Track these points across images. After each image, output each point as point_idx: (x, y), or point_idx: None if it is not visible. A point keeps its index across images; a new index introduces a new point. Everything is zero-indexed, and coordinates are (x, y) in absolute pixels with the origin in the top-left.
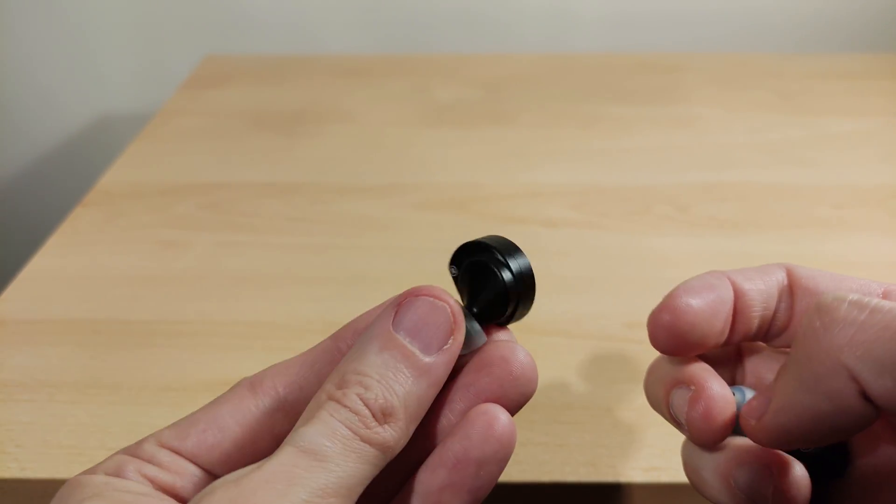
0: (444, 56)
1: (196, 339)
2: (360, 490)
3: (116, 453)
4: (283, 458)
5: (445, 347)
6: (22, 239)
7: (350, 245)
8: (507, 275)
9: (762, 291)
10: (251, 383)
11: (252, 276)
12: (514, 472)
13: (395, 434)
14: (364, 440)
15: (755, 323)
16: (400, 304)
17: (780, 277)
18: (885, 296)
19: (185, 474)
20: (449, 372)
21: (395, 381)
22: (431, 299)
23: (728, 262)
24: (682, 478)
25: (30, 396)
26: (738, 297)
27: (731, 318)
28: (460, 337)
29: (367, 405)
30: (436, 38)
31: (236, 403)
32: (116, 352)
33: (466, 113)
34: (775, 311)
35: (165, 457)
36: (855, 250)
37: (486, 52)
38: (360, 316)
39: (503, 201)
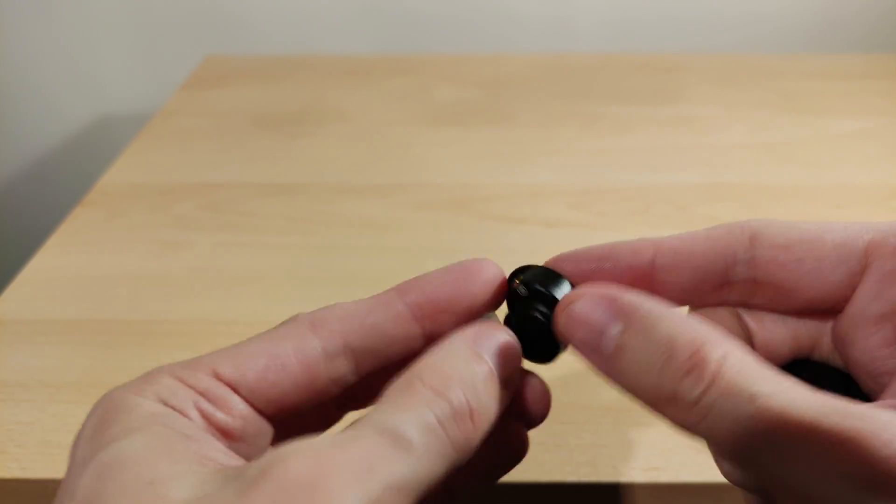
0: (444, 56)
1: (196, 338)
2: (425, 492)
3: (165, 372)
4: (366, 442)
5: (509, 385)
6: (22, 239)
7: (349, 245)
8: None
9: (697, 268)
10: (312, 322)
11: (252, 275)
12: (513, 472)
13: (477, 436)
14: (451, 438)
15: (686, 289)
16: (479, 333)
17: (733, 247)
18: (870, 248)
19: (238, 415)
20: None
21: (485, 393)
22: (506, 338)
23: None
24: (682, 478)
25: (30, 396)
26: (658, 267)
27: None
28: (516, 373)
29: (469, 405)
30: (435, 38)
31: (298, 341)
32: (117, 352)
33: (466, 113)
34: (727, 282)
35: (221, 392)
36: None
37: (485, 53)
38: (428, 277)
39: (502, 201)
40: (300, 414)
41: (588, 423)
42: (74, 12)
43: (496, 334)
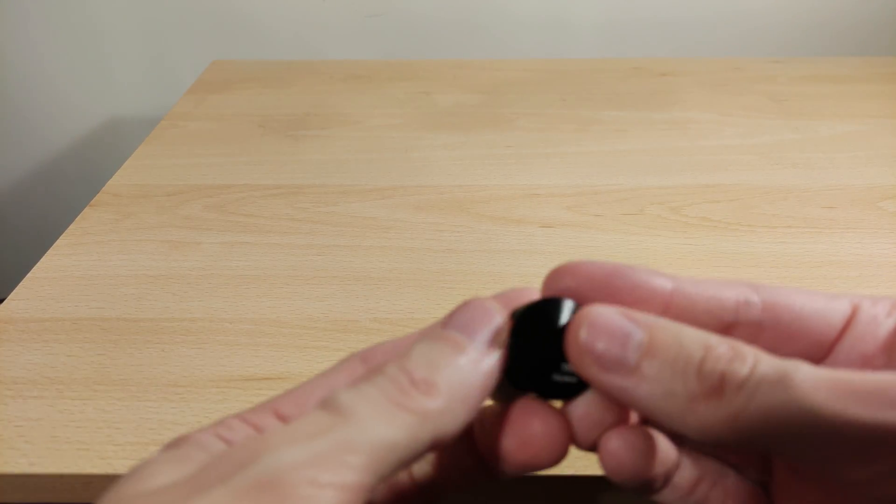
0: (444, 62)
1: (203, 336)
2: (392, 458)
3: (236, 415)
4: (310, 416)
5: (496, 340)
6: (32, 238)
7: (353, 245)
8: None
9: (711, 298)
10: (363, 356)
11: (257, 275)
12: None
13: (435, 404)
14: (397, 405)
15: (701, 322)
16: (453, 311)
17: (742, 291)
18: (854, 311)
19: None
20: (498, 370)
21: (439, 360)
22: (483, 303)
23: (720, 262)
24: None
25: (39, 393)
26: (676, 293)
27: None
28: (498, 328)
29: (406, 373)
30: (436, 45)
31: (349, 374)
32: (124, 349)
33: (466, 117)
34: (734, 323)
35: (274, 424)
36: (845, 250)
37: (484, 59)
38: (473, 303)
39: (501, 202)
40: None
41: None
42: (85, 18)
43: (469, 305)
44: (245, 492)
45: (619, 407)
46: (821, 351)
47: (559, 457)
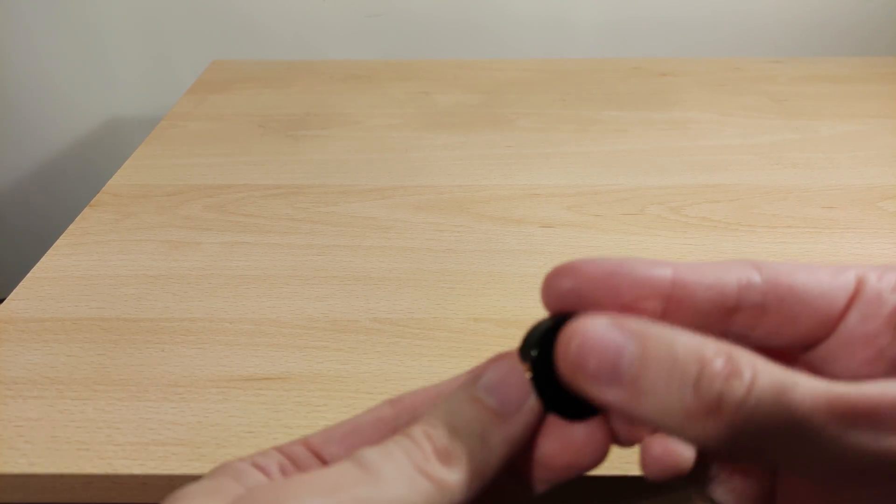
0: (444, 62)
1: (203, 336)
2: None
3: (275, 447)
4: (337, 467)
5: (523, 407)
6: (32, 238)
7: (353, 245)
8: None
9: (712, 285)
10: (392, 401)
11: (257, 275)
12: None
13: (455, 477)
14: (419, 471)
15: (699, 311)
16: (484, 367)
17: (744, 273)
18: (858, 287)
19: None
20: (525, 434)
21: (464, 427)
22: (511, 362)
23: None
24: None
25: (39, 393)
26: (677, 283)
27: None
28: (534, 401)
29: (430, 441)
30: (436, 45)
31: (376, 415)
32: (124, 349)
33: (466, 117)
34: (737, 307)
35: (304, 455)
36: (845, 250)
37: (484, 59)
38: (503, 361)
39: (501, 202)
40: None
41: None
42: (85, 18)
43: (499, 363)
44: None
45: None
46: (825, 329)
47: (601, 456)
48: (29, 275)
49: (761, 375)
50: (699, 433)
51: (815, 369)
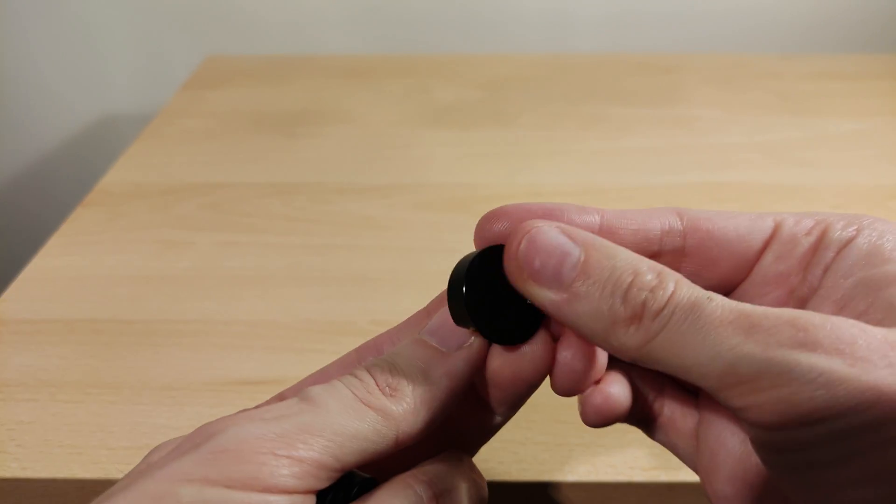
0: (444, 56)
1: (197, 338)
2: (354, 446)
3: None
4: (284, 402)
5: (465, 345)
6: (23, 238)
7: (350, 245)
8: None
9: (637, 230)
10: (358, 350)
11: (253, 275)
12: (513, 472)
13: (399, 407)
14: (363, 402)
15: (626, 240)
16: (429, 313)
17: (666, 219)
18: (775, 230)
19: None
20: (470, 366)
21: (406, 365)
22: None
23: None
24: (681, 478)
25: (31, 396)
26: (604, 229)
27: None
28: (478, 340)
29: (373, 376)
30: (436, 38)
31: (342, 361)
32: (117, 351)
33: (466, 113)
34: (659, 251)
35: None
36: None
37: (485, 53)
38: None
39: (502, 201)
40: None
41: None
42: (76, 13)
43: (442, 311)
44: (208, 456)
45: (588, 353)
46: (742, 271)
47: (543, 368)
48: (20, 275)
49: (681, 289)
50: (619, 341)
51: None
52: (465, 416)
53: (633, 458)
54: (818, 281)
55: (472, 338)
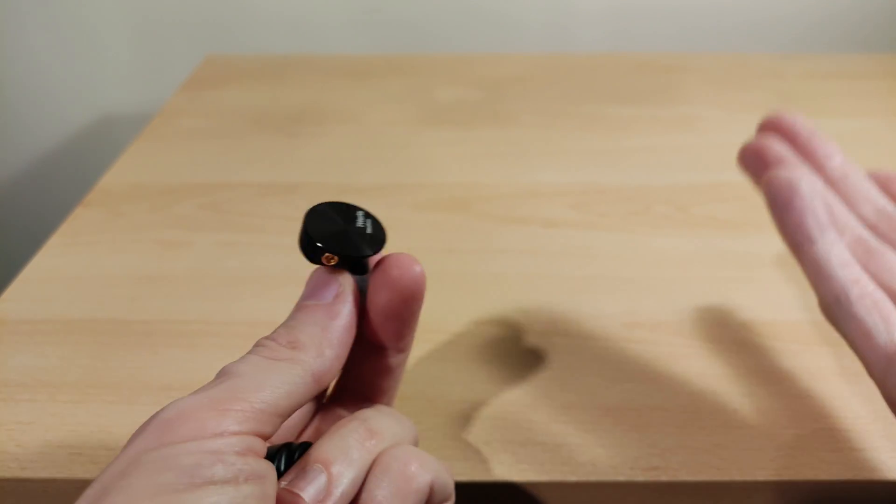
0: (445, 56)
1: (197, 338)
2: (281, 391)
3: None
4: (207, 384)
5: (337, 291)
6: (23, 239)
7: None
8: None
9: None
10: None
11: (252, 275)
12: (513, 472)
13: (304, 355)
14: (271, 359)
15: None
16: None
17: None
18: None
19: None
20: (353, 306)
21: (298, 323)
22: (319, 271)
23: (728, 262)
24: (681, 477)
25: (30, 396)
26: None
27: None
28: (344, 279)
29: (276, 339)
30: (436, 38)
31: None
32: (117, 352)
33: (466, 113)
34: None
35: None
36: None
37: (486, 53)
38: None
39: (503, 201)
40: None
41: (588, 423)
42: (75, 12)
43: (311, 277)
44: (156, 427)
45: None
46: None
47: (418, 275)
48: (20, 275)
49: None
50: None
51: None
52: (367, 366)
53: (633, 458)
54: None
55: (340, 279)
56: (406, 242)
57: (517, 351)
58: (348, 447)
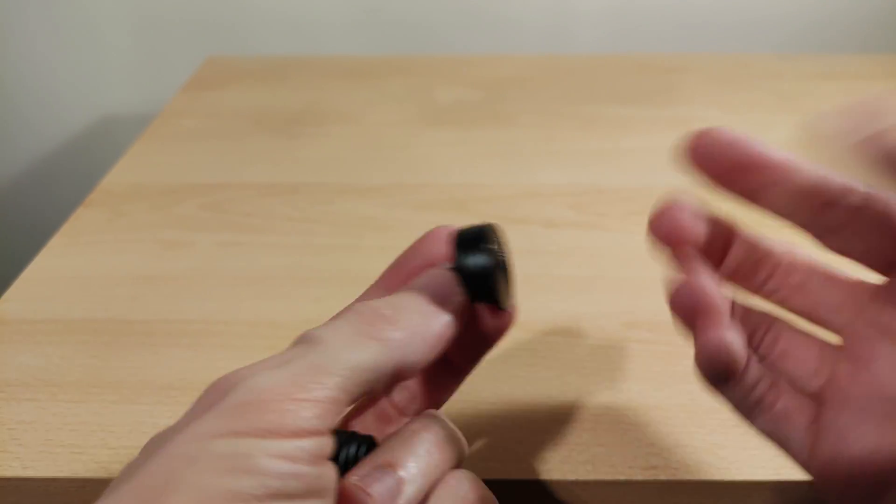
0: (445, 57)
1: (197, 338)
2: (361, 378)
3: None
4: (287, 349)
5: (457, 300)
6: (24, 239)
7: (351, 245)
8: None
9: (816, 173)
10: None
11: (253, 275)
12: (512, 471)
13: (397, 335)
14: (363, 334)
15: (803, 191)
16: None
17: (850, 181)
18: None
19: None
20: (457, 318)
21: (406, 306)
22: (446, 273)
23: None
24: (680, 476)
25: (32, 396)
26: (788, 162)
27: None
28: (464, 296)
29: (372, 310)
30: (436, 39)
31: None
32: (118, 351)
33: (466, 114)
34: (832, 203)
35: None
36: None
37: (486, 54)
38: (400, 257)
39: (503, 201)
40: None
41: (588, 422)
42: (77, 13)
43: (434, 272)
44: (230, 412)
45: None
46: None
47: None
48: (22, 275)
49: None
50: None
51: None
52: (433, 374)
53: (633, 457)
54: None
55: (462, 292)
56: (406, 242)
57: (517, 350)
58: (419, 457)
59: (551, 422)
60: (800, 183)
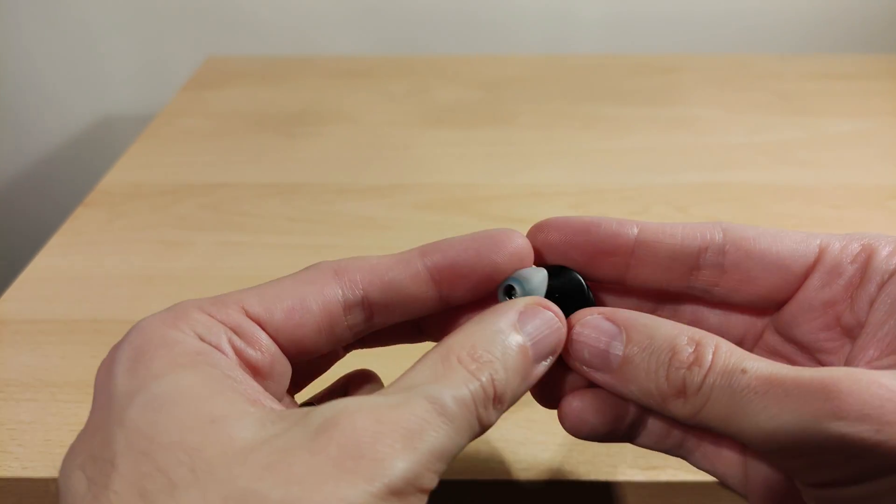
0: (444, 57)
1: None
2: (450, 461)
3: (194, 306)
4: (419, 410)
5: (545, 363)
6: (24, 239)
7: (350, 245)
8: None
9: (675, 245)
10: (335, 271)
11: (253, 275)
12: (513, 472)
13: (496, 417)
14: (477, 418)
15: (661, 267)
16: (526, 309)
17: (708, 234)
18: (819, 256)
19: (267, 352)
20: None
21: (515, 372)
22: (552, 316)
23: None
24: (680, 477)
25: (31, 396)
26: (640, 242)
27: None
28: (558, 350)
29: (494, 387)
30: (435, 39)
31: (321, 287)
32: None
33: (466, 114)
34: (698, 266)
35: (250, 328)
36: None
37: (485, 54)
38: (452, 241)
39: (502, 201)
40: (314, 356)
41: None
42: (77, 13)
43: (543, 315)
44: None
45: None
46: (784, 293)
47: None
48: (21, 275)
49: (718, 361)
50: (675, 411)
51: (783, 331)
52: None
53: (633, 458)
54: (864, 315)
55: (551, 357)
56: (406, 242)
57: None
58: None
59: (551, 422)
60: (658, 258)
